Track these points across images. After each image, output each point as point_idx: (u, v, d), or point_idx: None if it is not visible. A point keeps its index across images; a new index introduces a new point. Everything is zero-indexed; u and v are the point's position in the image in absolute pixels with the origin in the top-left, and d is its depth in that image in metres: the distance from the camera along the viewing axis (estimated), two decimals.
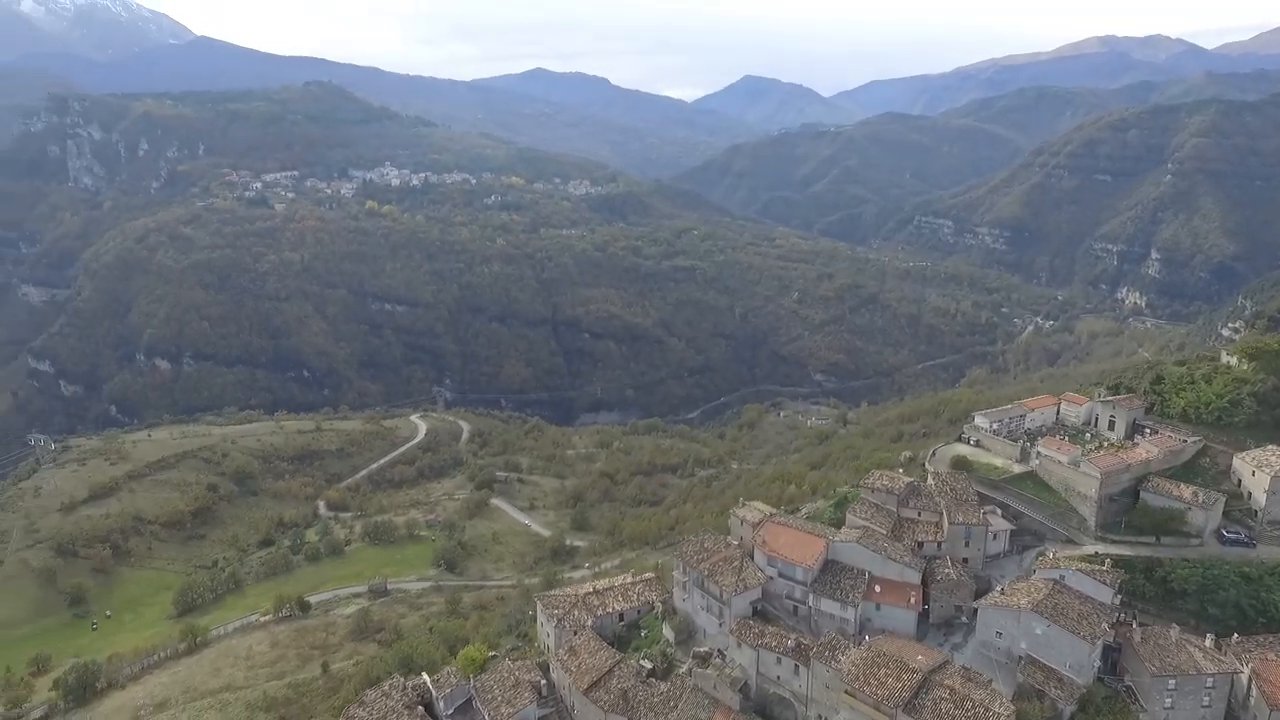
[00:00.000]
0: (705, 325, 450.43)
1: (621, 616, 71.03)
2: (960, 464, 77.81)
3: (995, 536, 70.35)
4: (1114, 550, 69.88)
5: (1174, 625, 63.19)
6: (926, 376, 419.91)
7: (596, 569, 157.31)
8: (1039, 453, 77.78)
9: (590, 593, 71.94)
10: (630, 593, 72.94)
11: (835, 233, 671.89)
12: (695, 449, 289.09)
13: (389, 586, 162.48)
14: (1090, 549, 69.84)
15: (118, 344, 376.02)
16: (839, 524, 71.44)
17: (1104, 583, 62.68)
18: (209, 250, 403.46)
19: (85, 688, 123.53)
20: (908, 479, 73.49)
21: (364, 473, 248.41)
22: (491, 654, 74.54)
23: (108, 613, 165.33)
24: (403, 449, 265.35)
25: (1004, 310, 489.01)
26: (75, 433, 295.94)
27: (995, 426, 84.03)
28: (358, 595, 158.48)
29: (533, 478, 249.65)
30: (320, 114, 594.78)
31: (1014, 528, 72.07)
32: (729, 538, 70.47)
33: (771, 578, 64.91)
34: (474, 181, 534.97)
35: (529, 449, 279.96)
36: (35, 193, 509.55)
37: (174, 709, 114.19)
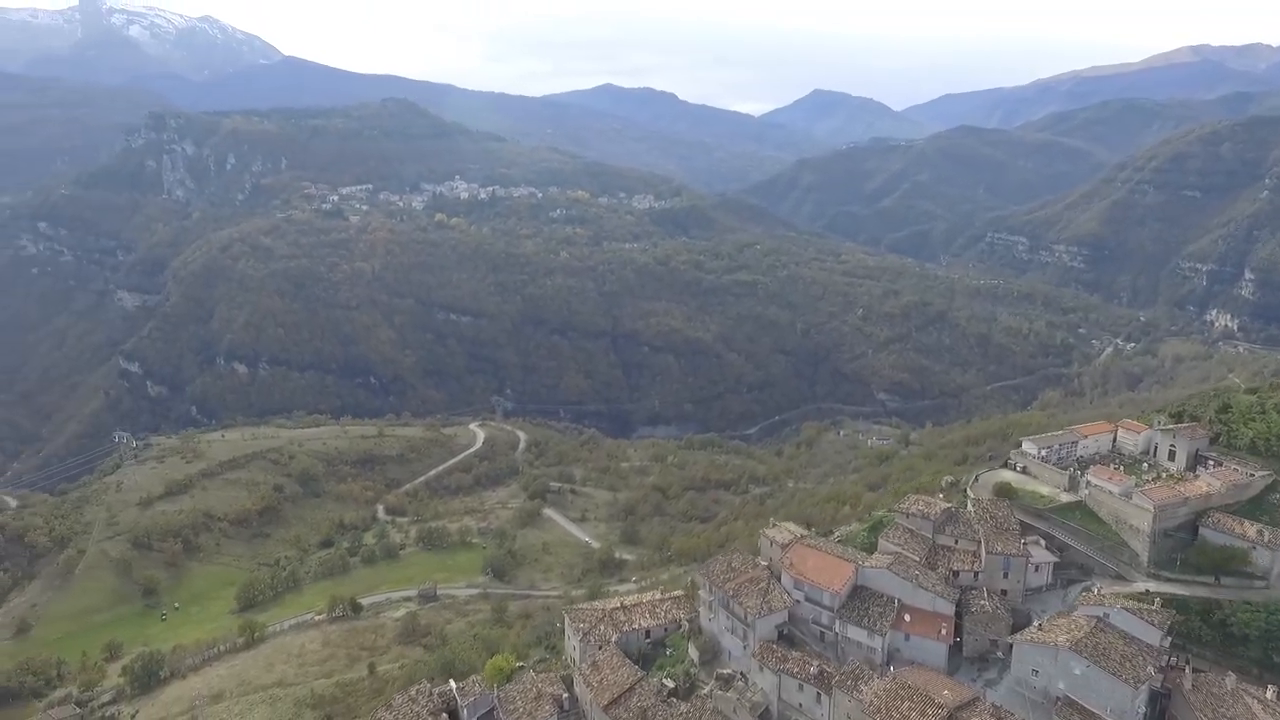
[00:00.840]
0: (766, 341, 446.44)
1: (648, 634, 70.80)
2: (1004, 491, 74.96)
3: (1037, 569, 67.50)
4: (1167, 589, 66.17)
5: (1230, 673, 59.37)
6: (995, 398, 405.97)
7: (643, 583, 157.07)
8: (1089, 482, 74.35)
9: (617, 608, 71.99)
10: (658, 610, 72.69)
11: (903, 249, 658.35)
12: (751, 466, 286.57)
13: (438, 592, 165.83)
14: (1141, 586, 66.33)
15: (200, 348, 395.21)
16: (873, 549, 69.71)
17: (1152, 623, 59.38)
18: (286, 260, 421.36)
19: (150, 676, 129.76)
20: (945, 504, 71.20)
21: (422, 479, 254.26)
22: (519, 664, 75.24)
23: (176, 605, 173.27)
24: (460, 457, 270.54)
25: (1081, 331, 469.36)
26: (159, 431, 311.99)
27: (1044, 453, 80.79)
28: (408, 599, 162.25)
29: (586, 489, 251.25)
30: (395, 129, 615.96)
31: (1058, 560, 69.02)
32: (758, 558, 69.58)
33: (798, 601, 63.78)
34: (540, 195, 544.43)
35: (584, 460, 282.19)
36: (133, 204, 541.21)
37: (228, 701, 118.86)
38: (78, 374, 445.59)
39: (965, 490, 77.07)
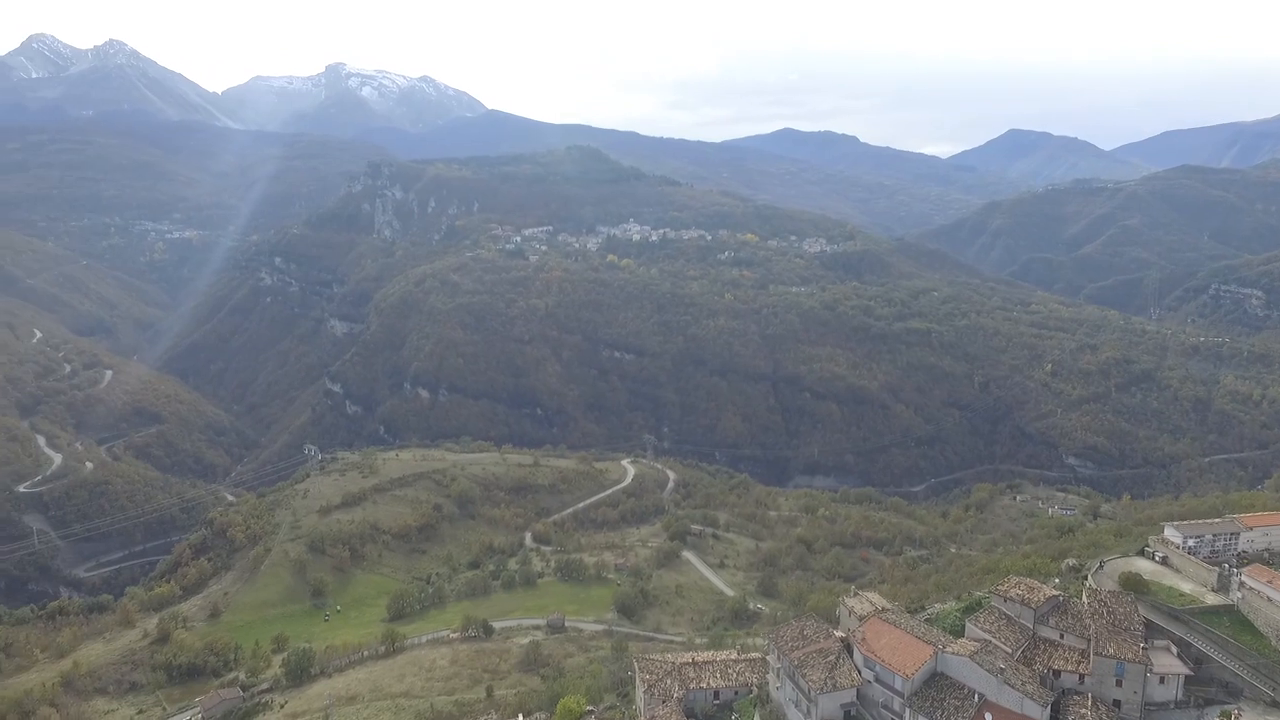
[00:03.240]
0: (938, 393, 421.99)
1: (717, 694, 68.64)
2: (1132, 583, 65.85)
3: (1163, 680, 58.50)
4: None
5: None
6: (1215, 472, 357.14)
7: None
8: (1243, 583, 63.65)
9: (688, 663, 70.48)
10: (730, 670, 70.32)
11: (1106, 299, 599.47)
12: (909, 526, 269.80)
13: (566, 624, 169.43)
14: None
15: (391, 373, 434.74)
16: (963, 632, 63.64)
17: None
18: (470, 295, 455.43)
19: (302, 671, 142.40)
20: (1052, 592, 63.56)
21: (571, 510, 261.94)
22: (589, 709, 75.43)
23: (338, 607, 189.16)
24: (609, 491, 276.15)
25: None
26: (351, 447, 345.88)
27: (1192, 543, 70.16)
28: (537, 627, 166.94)
29: (729, 535, 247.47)
30: (576, 175, 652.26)
31: (1191, 673, 59.43)
32: (835, 628, 65.67)
33: (869, 681, 59.44)
34: (709, 237, 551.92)
35: (731, 505, 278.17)
36: (349, 243, 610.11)
37: (359, 704, 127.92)
38: (294, 390, 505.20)
39: (1085, 577, 68.45)
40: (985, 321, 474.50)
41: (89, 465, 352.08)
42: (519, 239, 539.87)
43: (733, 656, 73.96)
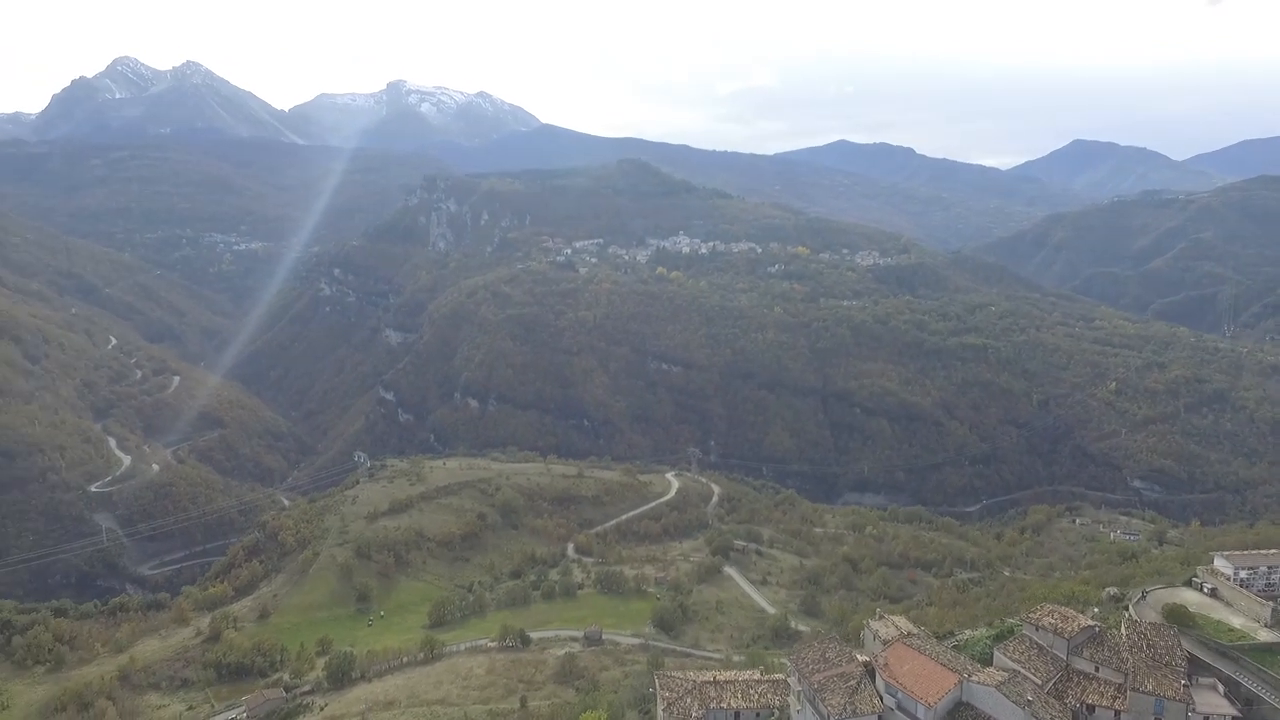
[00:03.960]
0: (994, 410, 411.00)
1: (737, 715, 67.33)
2: (1177, 615, 62.50)
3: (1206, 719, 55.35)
4: None
5: None
6: None
7: None
8: None
9: (709, 682, 69.38)
10: (752, 691, 68.91)
11: (1175, 316, 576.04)
12: (960, 547, 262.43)
13: (603, 636, 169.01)
14: None
15: (442, 382, 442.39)
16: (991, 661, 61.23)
17: None
18: (521, 306, 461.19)
19: (343, 675, 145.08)
20: (1087, 621, 60.65)
21: (614, 522, 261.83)
22: None
23: (381, 613, 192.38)
24: (652, 504, 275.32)
25: None
26: (403, 454, 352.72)
27: (1244, 574, 66.35)
28: (574, 639, 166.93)
29: (772, 551, 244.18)
30: (627, 188, 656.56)
31: (1240, 715, 56.02)
32: (859, 651, 63.91)
33: (890, 708, 57.61)
34: (759, 250, 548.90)
35: (776, 521, 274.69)
36: (405, 254, 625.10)
37: (395, 710, 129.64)
38: (349, 398, 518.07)
39: (1126, 607, 65.27)
40: (1045, 337, 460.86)
41: (155, 467, 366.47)
42: (569, 251, 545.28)
43: (755, 677, 72.55)
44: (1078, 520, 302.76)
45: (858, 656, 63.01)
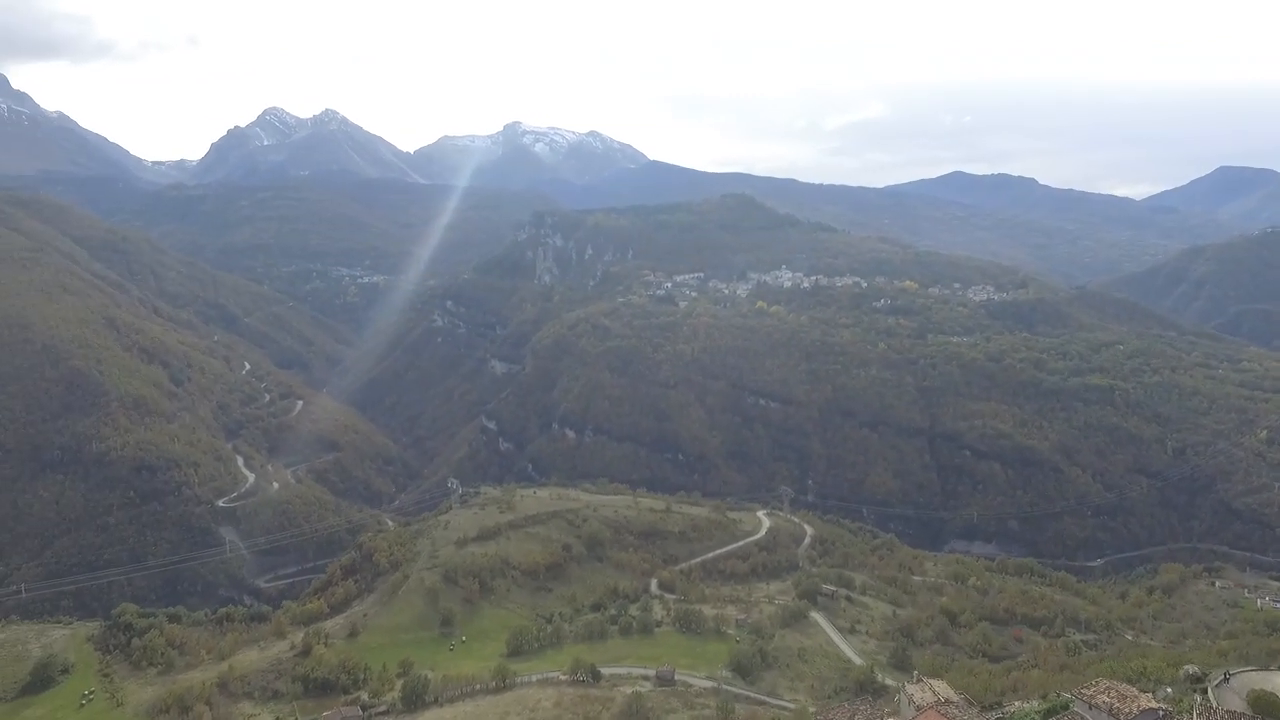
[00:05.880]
0: (1121, 458, 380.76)
1: None
2: (1265, 705, 54.33)
3: None
4: None
5: None
6: None
7: None
8: None
9: None
10: None
11: None
12: (1076, 605, 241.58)
13: (676, 676, 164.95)
14: None
15: (542, 412, 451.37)
16: None
17: None
18: (619, 339, 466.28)
19: (417, 698, 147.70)
20: (1150, 704, 53.52)
21: (699, 559, 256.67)
22: None
23: (463, 638, 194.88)
24: (740, 543, 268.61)
25: None
26: (501, 483, 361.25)
27: None
28: (645, 677, 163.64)
29: (864, 598, 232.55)
30: (730, 222, 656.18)
31: None
32: (894, 715, 59.06)
33: None
34: (864, 284, 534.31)
35: (871, 566, 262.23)
36: (512, 288, 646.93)
37: None
38: (455, 426, 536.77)
39: (1205, 690, 57.44)
40: (1182, 379, 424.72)
41: (275, 485, 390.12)
42: (669, 285, 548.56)
43: None
44: (1218, 583, 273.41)
45: None
